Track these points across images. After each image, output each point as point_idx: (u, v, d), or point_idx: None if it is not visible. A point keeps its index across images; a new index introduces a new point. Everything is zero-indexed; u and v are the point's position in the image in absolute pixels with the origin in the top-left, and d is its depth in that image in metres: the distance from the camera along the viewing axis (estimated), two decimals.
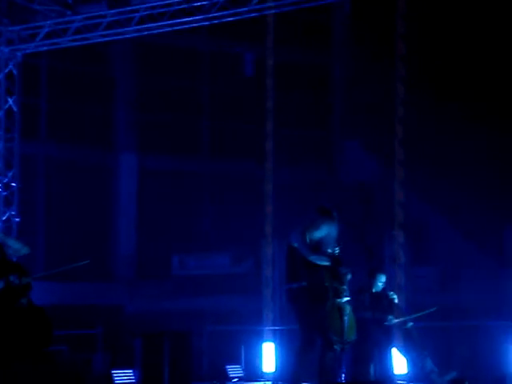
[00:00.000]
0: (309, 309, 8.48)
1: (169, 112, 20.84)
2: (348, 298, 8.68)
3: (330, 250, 8.66)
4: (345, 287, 8.71)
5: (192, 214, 20.61)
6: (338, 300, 8.58)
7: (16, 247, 7.35)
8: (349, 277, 8.80)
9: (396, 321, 10.17)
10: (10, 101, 14.27)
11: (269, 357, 12.14)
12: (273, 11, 12.46)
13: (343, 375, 8.94)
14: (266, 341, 12.23)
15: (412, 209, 12.10)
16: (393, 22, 10.91)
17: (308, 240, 8.54)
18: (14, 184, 14.31)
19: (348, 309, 8.65)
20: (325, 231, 8.61)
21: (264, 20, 12.65)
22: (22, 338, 7.18)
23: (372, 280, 10.25)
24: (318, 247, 8.59)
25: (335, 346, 8.53)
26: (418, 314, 10.44)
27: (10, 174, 14.33)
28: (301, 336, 8.59)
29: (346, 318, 8.59)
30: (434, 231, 18.13)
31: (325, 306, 8.48)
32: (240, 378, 12.05)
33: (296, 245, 8.54)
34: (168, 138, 20.65)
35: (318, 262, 8.49)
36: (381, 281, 10.29)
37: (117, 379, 10.68)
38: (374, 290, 10.20)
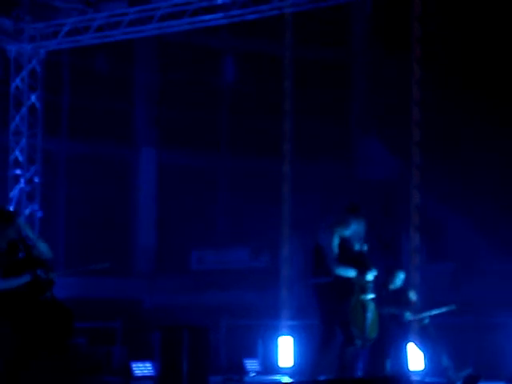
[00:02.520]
0: (333, 303, 8.56)
1: (188, 108, 20.93)
2: (373, 296, 8.74)
3: (357, 247, 8.75)
4: (370, 284, 8.78)
5: (211, 208, 20.70)
6: (363, 296, 8.65)
7: (43, 250, 7.52)
8: (374, 274, 8.88)
9: (413, 317, 10.24)
10: (33, 97, 14.45)
11: (286, 351, 12.22)
12: (292, 9, 12.52)
13: (360, 370, 9.04)
14: (283, 335, 12.31)
15: (428, 206, 12.14)
16: (413, 20, 10.92)
17: (337, 238, 8.61)
18: (36, 179, 14.49)
19: (372, 306, 8.72)
20: (353, 229, 8.69)
21: (284, 18, 12.71)
22: (46, 329, 7.34)
23: (390, 277, 10.32)
24: (346, 245, 8.67)
25: (356, 341, 8.61)
26: (437, 311, 10.48)
27: (33, 170, 14.52)
28: (322, 330, 8.69)
29: (369, 314, 8.65)
30: (450, 228, 18.12)
31: (349, 301, 8.57)
32: (257, 372, 12.14)
33: (323, 245, 8.61)
34: (187, 133, 20.74)
35: (345, 275, 8.57)
36: (400, 278, 10.35)
37: (136, 371, 10.81)
38: (392, 287, 10.27)
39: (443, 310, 10.52)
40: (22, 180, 14.40)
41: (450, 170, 17.23)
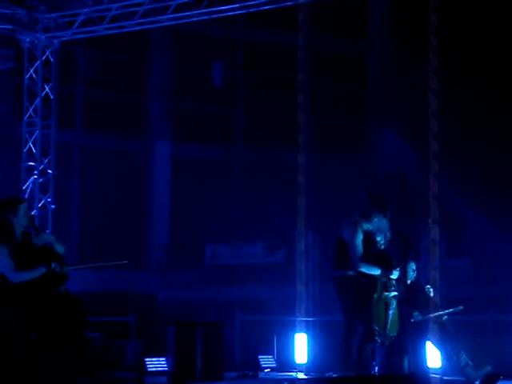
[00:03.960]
0: (355, 298, 8.49)
1: (203, 101, 20.83)
2: (395, 293, 8.65)
3: (382, 242, 8.64)
4: (393, 282, 8.68)
5: (225, 203, 20.61)
6: (386, 293, 8.55)
7: (60, 252, 7.47)
8: (398, 273, 8.77)
9: (421, 318, 10.11)
10: (47, 88, 14.36)
11: (301, 347, 12.12)
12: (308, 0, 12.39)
13: (377, 367, 8.92)
14: (298, 331, 12.21)
15: (446, 200, 11.99)
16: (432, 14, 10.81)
17: (361, 232, 8.51)
18: (49, 171, 14.41)
19: (394, 304, 8.63)
20: (377, 223, 8.58)
21: (300, 8, 12.57)
22: (60, 323, 7.29)
23: (403, 271, 10.19)
24: (370, 239, 8.56)
25: (376, 338, 8.51)
26: (444, 312, 10.38)
27: (46, 161, 14.44)
28: (344, 325, 8.59)
29: (390, 312, 8.58)
30: (469, 222, 17.98)
31: (372, 297, 8.47)
32: (272, 369, 12.05)
33: (347, 239, 8.51)
34: (202, 126, 20.64)
35: (368, 272, 8.47)
36: (411, 268, 10.22)
37: (149, 367, 10.73)
38: (408, 281, 10.12)
39: (451, 310, 10.41)
40: (36, 172, 14.32)
41: (469, 163, 17.09)
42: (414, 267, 10.27)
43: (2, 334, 7.07)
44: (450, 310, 10.40)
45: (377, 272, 8.52)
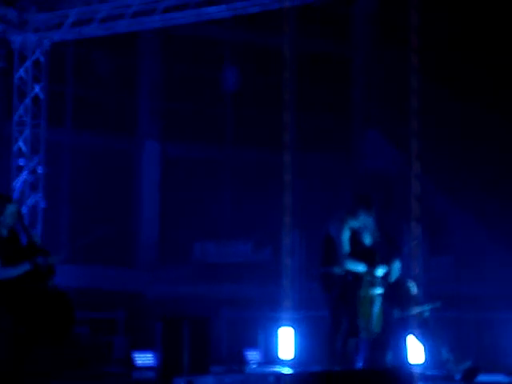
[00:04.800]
0: (341, 295, 8.61)
1: (192, 100, 20.95)
2: (381, 291, 8.77)
3: (368, 240, 8.77)
4: (379, 279, 8.82)
5: (214, 201, 20.74)
6: (372, 291, 8.68)
7: (52, 262, 7.56)
8: (384, 271, 8.90)
9: (401, 315, 10.25)
10: (37, 88, 14.46)
11: (287, 343, 12.26)
12: (293, 3, 12.53)
13: (360, 362, 9.08)
14: (283, 326, 12.34)
15: (428, 198, 12.17)
16: (414, 12, 10.90)
17: (348, 230, 8.64)
18: (39, 170, 14.52)
19: (379, 301, 8.76)
20: (363, 220, 8.71)
21: (285, 10, 12.71)
22: (48, 319, 7.36)
23: (389, 268, 10.34)
24: (357, 237, 8.69)
25: (361, 334, 8.65)
26: (423, 308, 10.51)
27: (36, 160, 14.54)
28: (330, 321, 8.73)
29: (375, 308, 8.70)
30: (451, 221, 18.13)
31: (357, 294, 8.60)
32: (258, 363, 12.17)
33: (334, 236, 8.64)
34: (191, 125, 20.78)
35: (354, 269, 8.60)
36: (396, 267, 10.37)
37: (137, 361, 10.86)
38: (392, 279, 10.30)
39: (429, 307, 10.55)
40: (26, 170, 14.43)
41: (452, 162, 17.22)
42: (399, 265, 10.43)
43: None
44: (429, 306, 10.55)
45: (362, 269, 8.65)
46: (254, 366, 12.01)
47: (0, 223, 7.32)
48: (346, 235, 8.62)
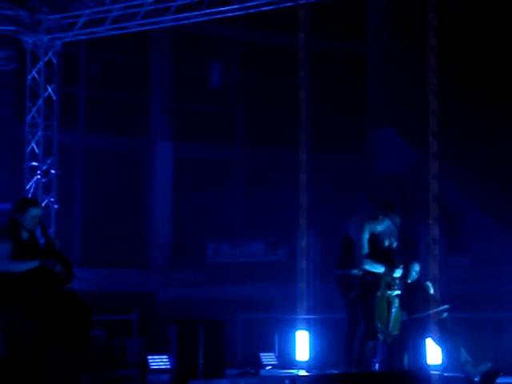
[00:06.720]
0: (359, 296, 8.56)
1: (204, 100, 20.91)
2: (398, 292, 8.71)
3: (387, 243, 8.71)
4: (397, 281, 8.76)
5: (227, 201, 20.68)
6: (389, 292, 8.63)
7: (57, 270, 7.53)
8: (401, 272, 8.84)
9: (411, 317, 10.16)
10: (50, 89, 14.44)
11: (302, 345, 12.18)
12: (308, 0, 12.44)
13: (377, 364, 9.00)
14: (299, 329, 12.27)
15: (446, 198, 12.06)
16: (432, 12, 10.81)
17: (368, 233, 8.59)
18: (52, 171, 14.50)
19: (397, 302, 8.71)
20: (385, 225, 8.66)
21: (299, 8, 12.61)
22: (64, 321, 7.36)
23: (406, 270, 10.25)
24: (376, 240, 8.63)
25: (379, 335, 8.58)
26: (433, 311, 10.42)
27: (49, 162, 14.52)
28: (347, 322, 8.67)
29: (393, 310, 8.67)
30: (469, 221, 18.02)
31: (375, 295, 8.54)
32: (273, 366, 12.10)
33: (353, 237, 8.58)
34: (203, 126, 20.73)
35: (373, 270, 8.54)
36: (414, 270, 10.29)
37: (152, 364, 10.80)
38: (409, 281, 10.20)
39: (439, 309, 10.45)
40: (39, 172, 14.40)
41: (469, 162, 17.12)
42: (417, 269, 10.32)
43: (13, 336, 7.13)
44: (438, 308, 10.43)
45: (380, 270, 8.59)
46: (270, 369, 11.93)
47: (21, 226, 7.30)
48: (365, 237, 8.57)
